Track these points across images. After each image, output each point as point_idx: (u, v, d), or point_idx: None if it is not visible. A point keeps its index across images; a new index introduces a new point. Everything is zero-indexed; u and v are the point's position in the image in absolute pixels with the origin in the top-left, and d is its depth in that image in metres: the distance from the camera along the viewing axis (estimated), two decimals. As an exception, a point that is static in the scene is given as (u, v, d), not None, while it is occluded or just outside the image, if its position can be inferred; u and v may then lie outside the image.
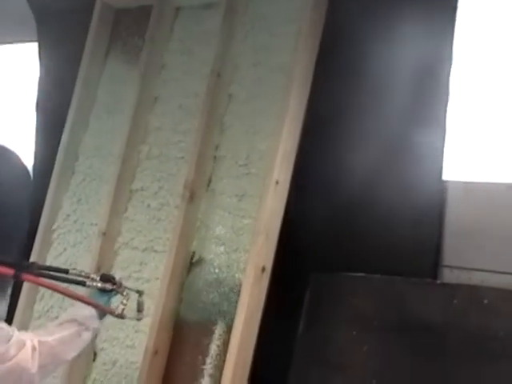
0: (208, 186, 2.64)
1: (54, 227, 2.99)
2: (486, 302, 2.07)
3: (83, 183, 3.00)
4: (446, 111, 2.35)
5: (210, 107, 2.67)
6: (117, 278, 2.22)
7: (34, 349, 1.94)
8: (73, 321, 2.09)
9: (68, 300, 2.85)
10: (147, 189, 2.78)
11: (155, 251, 2.69)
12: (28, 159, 3.33)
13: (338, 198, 2.44)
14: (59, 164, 3.04)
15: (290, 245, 2.46)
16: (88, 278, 2.19)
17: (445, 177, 2.31)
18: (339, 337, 2.30)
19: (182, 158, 2.73)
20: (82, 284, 2.16)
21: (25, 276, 2.02)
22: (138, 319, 2.37)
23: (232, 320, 2.39)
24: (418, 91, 2.41)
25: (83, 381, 2.71)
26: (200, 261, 2.59)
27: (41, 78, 3.34)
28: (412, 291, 2.19)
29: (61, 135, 3.08)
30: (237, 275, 2.49)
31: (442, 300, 2.13)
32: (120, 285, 2.21)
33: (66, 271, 2.25)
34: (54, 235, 2.98)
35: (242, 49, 2.70)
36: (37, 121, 3.29)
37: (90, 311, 2.10)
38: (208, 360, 2.44)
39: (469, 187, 2.30)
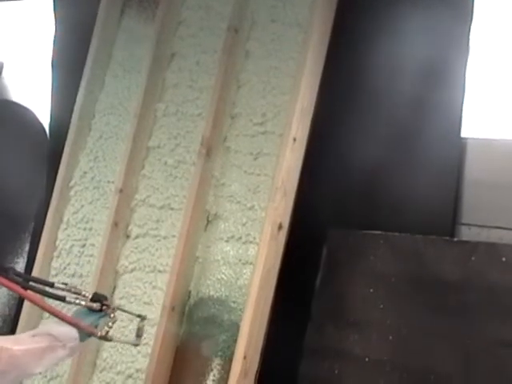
0: (224, 143, 2.64)
1: (72, 184, 2.99)
2: (504, 259, 2.07)
3: (100, 141, 2.99)
4: (465, 68, 2.33)
5: (226, 64, 2.65)
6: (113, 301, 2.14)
7: None
8: (48, 335, 1.98)
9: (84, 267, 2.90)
10: (164, 146, 2.77)
11: (172, 209, 2.69)
12: (44, 117, 3.35)
13: (356, 156, 2.43)
14: (75, 122, 3.03)
15: (307, 202, 2.46)
16: (79, 294, 2.12)
17: (464, 134, 2.30)
18: (356, 294, 2.31)
19: (199, 115, 2.72)
20: (62, 299, 2.06)
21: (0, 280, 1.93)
22: (135, 345, 2.37)
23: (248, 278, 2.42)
24: (437, 49, 2.39)
25: (100, 337, 2.73)
26: (216, 219, 2.59)
27: (56, 36, 3.31)
28: (430, 249, 2.19)
29: (77, 93, 3.06)
30: (252, 233, 2.50)
31: (460, 257, 2.13)
32: (109, 306, 2.13)
33: (51, 284, 2.17)
34: (72, 192, 2.99)
35: (259, 5, 2.67)
36: (52, 79, 3.28)
37: (69, 329, 2.01)
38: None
39: (487, 144, 2.28)
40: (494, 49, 2.36)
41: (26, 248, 3.31)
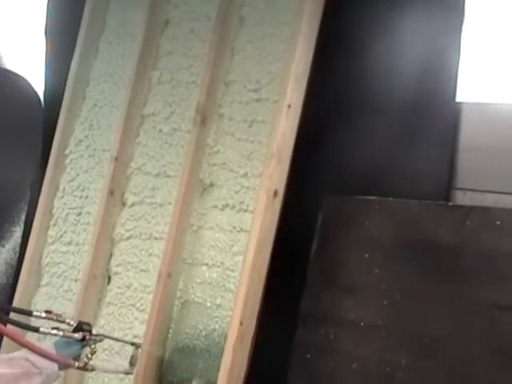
0: (218, 111, 2.63)
1: (67, 152, 2.98)
2: (498, 223, 2.07)
3: (95, 109, 2.98)
4: (460, 32, 2.31)
5: (220, 31, 2.63)
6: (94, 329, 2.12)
7: None
8: (25, 360, 1.96)
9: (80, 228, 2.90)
10: (159, 114, 2.76)
11: (168, 176, 2.69)
12: (39, 85, 3.33)
13: (352, 122, 2.43)
14: (70, 90, 3.01)
15: (302, 169, 2.45)
16: (63, 322, 2.10)
17: (459, 98, 2.29)
18: (351, 259, 2.32)
19: (194, 82, 2.71)
20: (36, 330, 2.02)
21: None
22: (128, 373, 2.35)
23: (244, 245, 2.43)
24: (432, 12, 2.37)
25: (98, 304, 2.75)
26: (211, 186, 2.59)
27: (49, 2, 3.28)
28: (425, 214, 2.19)
29: (71, 61, 3.05)
30: (246, 200, 2.50)
31: (454, 222, 2.13)
32: (91, 336, 2.12)
33: (30, 313, 2.14)
34: (67, 160, 2.98)
35: (253, -30, 2.65)
36: (46, 46, 3.26)
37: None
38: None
39: (483, 108, 2.28)
40: (489, 11, 2.35)
41: (23, 217, 3.32)
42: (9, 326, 2.06)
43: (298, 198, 2.45)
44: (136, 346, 2.38)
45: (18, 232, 3.34)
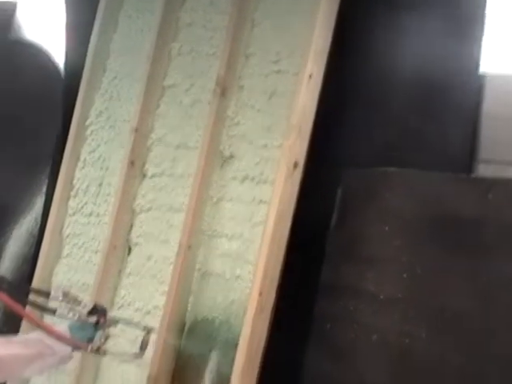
0: (238, 83, 2.62)
1: (88, 123, 2.99)
2: (521, 195, 2.06)
3: (115, 81, 2.98)
4: (484, 3, 2.29)
5: (240, 3, 2.62)
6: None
7: None
8: (39, 341, 2.02)
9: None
10: (179, 85, 2.76)
11: (188, 148, 2.69)
12: (59, 57, 3.33)
13: (373, 93, 2.41)
14: (90, 62, 3.01)
15: (322, 141, 2.44)
16: (79, 305, 2.13)
17: (482, 70, 2.27)
18: (371, 232, 2.31)
19: (214, 54, 2.70)
20: (52, 313, 2.07)
21: None
22: (137, 358, 2.36)
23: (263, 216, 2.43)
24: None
25: (118, 275, 2.77)
26: (230, 158, 2.59)
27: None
28: (447, 186, 2.17)
29: (91, 34, 3.05)
30: (266, 172, 2.49)
31: (476, 194, 2.11)
32: (106, 320, 2.15)
33: (47, 294, 2.17)
34: (88, 131, 2.99)
35: None
36: (67, 18, 3.25)
37: None
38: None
39: (506, 80, 2.25)
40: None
41: (44, 188, 3.34)
42: (27, 307, 2.11)
43: (318, 170, 2.44)
44: (148, 330, 2.39)
45: (39, 203, 3.37)
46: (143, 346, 2.34)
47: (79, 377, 2.70)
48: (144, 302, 2.66)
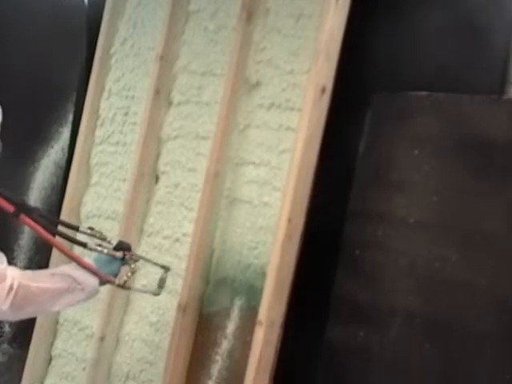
0: (265, 6, 2.56)
1: (112, 52, 2.97)
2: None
3: (139, 7, 2.94)
4: None
5: None
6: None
7: (10, 288, 1.94)
8: (69, 276, 2.05)
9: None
10: (204, 11, 2.71)
11: (214, 75, 2.66)
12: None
13: (403, 16, 2.35)
14: (113, -12, 2.98)
15: (351, 65, 2.39)
16: (104, 240, 2.19)
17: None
18: (400, 156, 2.29)
19: (239, -23, 2.65)
20: (83, 245, 2.13)
21: (23, 218, 2.00)
22: (155, 294, 2.39)
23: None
24: None
25: (146, 203, 2.78)
26: (258, 84, 2.56)
27: None
28: (477, 108, 2.13)
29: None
30: (293, 98, 2.45)
31: (508, 116, 2.08)
32: (132, 256, 2.19)
33: (76, 228, 2.26)
34: (112, 60, 2.97)
35: None
36: None
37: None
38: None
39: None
40: None
41: (70, 117, 3.34)
42: (58, 238, 2.16)
43: (346, 95, 2.40)
44: (166, 268, 2.42)
45: (65, 133, 3.38)
46: (161, 284, 2.38)
47: (111, 304, 2.75)
48: (172, 229, 2.68)
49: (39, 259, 3.32)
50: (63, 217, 2.99)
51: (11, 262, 2.35)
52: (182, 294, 2.53)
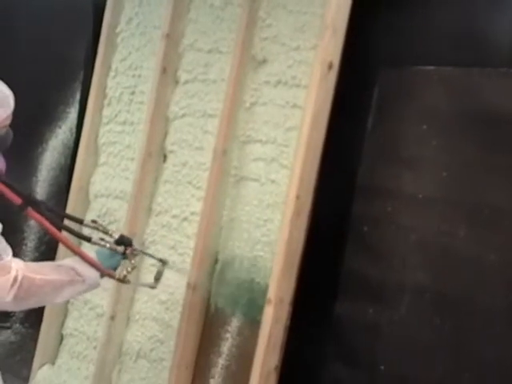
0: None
1: (118, 30, 2.96)
2: None
3: (144, -15, 2.93)
4: None
5: None
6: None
7: (15, 280, 1.96)
8: (71, 269, 2.09)
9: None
10: (209, -13, 2.70)
11: (220, 52, 2.64)
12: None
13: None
14: (118, -34, 2.97)
15: (357, 40, 2.37)
16: (107, 233, 2.21)
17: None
18: (409, 132, 2.28)
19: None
20: (88, 240, 2.16)
21: (30, 211, 2.02)
22: (152, 287, 2.44)
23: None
24: None
25: (154, 182, 2.78)
26: (264, 61, 2.54)
27: None
28: (486, 82, 2.12)
29: None
30: (299, 75, 2.43)
31: (516, 90, 2.06)
32: (133, 251, 2.22)
33: (81, 222, 2.30)
34: (118, 39, 2.96)
35: None
36: None
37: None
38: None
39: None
40: None
41: (77, 97, 3.33)
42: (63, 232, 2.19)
43: (353, 70, 2.38)
44: (163, 262, 2.45)
45: (73, 113, 3.37)
46: (157, 276, 2.42)
47: (119, 284, 2.75)
48: (181, 208, 2.68)
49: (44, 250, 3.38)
50: (72, 197, 3.00)
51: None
52: (191, 273, 2.54)
